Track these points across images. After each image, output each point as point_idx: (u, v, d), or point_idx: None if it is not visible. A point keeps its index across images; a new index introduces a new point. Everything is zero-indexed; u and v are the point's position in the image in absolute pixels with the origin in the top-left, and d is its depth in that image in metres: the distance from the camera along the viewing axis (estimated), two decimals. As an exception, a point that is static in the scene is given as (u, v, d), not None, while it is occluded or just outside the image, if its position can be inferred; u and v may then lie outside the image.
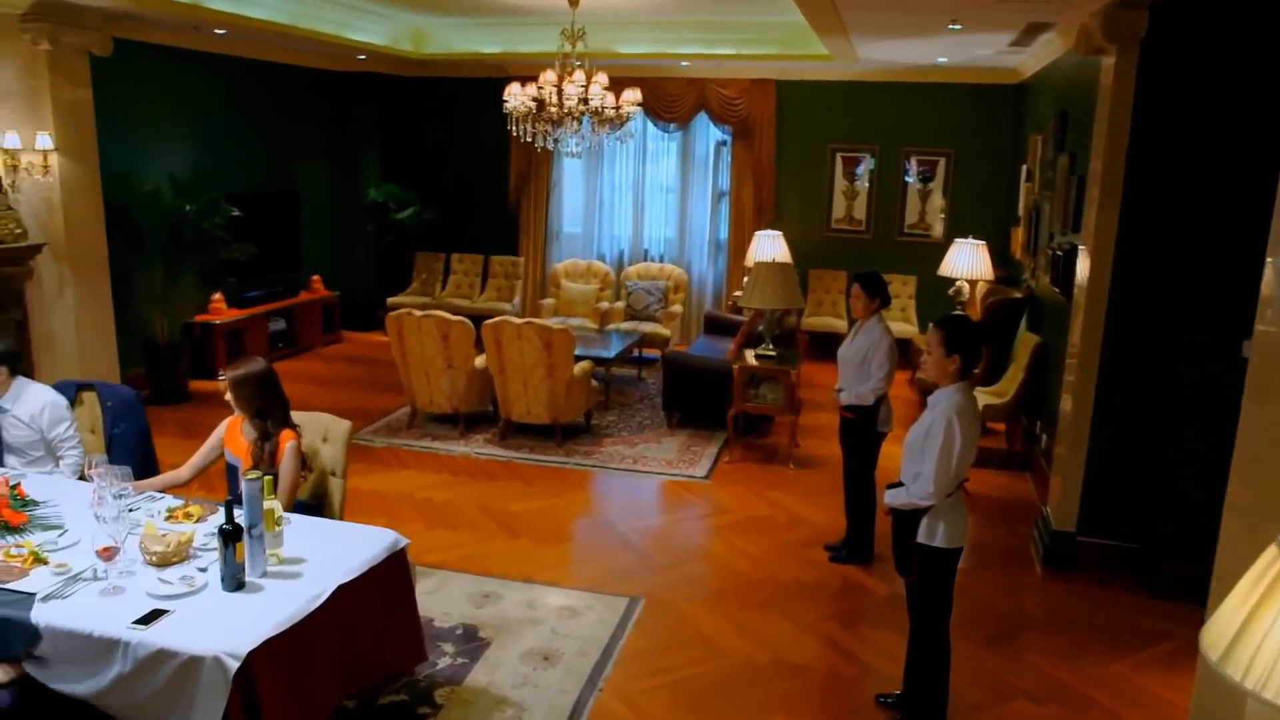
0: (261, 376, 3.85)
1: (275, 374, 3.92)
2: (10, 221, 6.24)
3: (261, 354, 9.09)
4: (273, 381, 3.87)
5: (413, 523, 5.56)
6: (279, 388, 3.90)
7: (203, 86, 8.66)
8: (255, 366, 3.88)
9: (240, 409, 3.87)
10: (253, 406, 3.84)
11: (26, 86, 6.40)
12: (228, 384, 3.85)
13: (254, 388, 3.82)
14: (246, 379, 3.83)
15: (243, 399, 3.84)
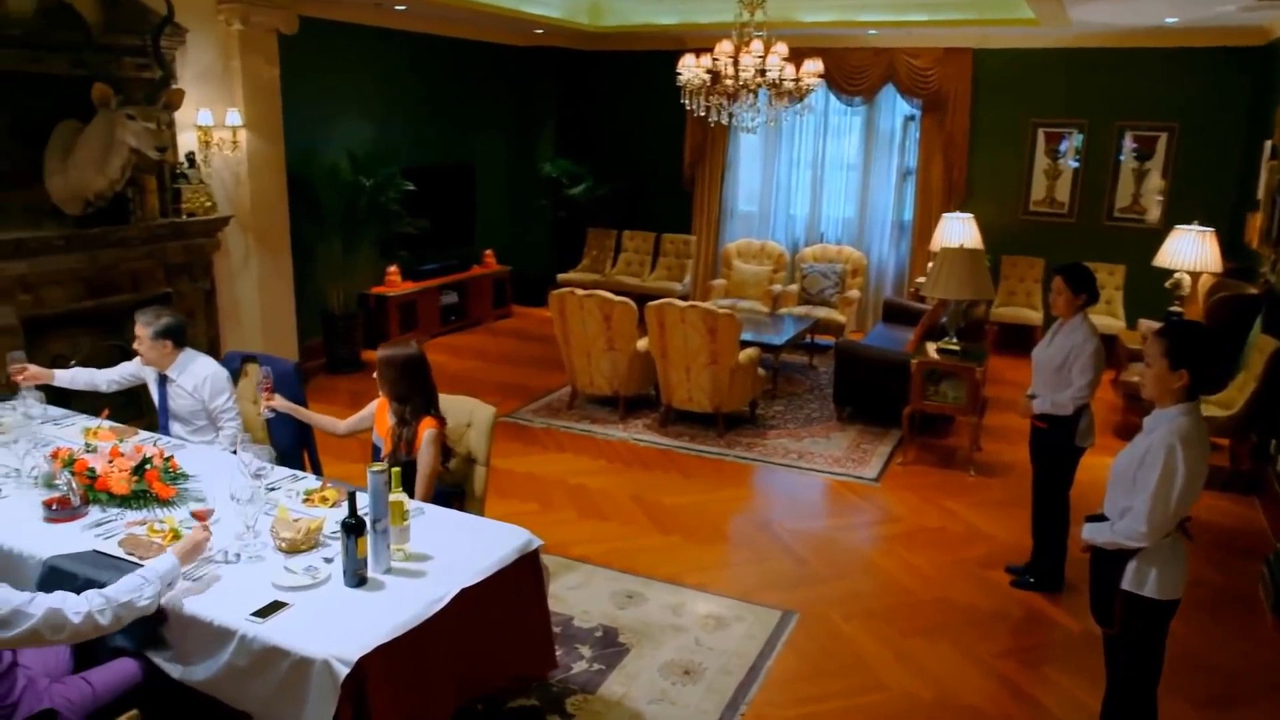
0: (406, 361, 3.72)
1: (423, 360, 3.77)
2: (202, 195, 6.50)
3: (433, 327, 9.35)
4: (418, 368, 3.73)
5: (563, 510, 5.41)
6: (425, 375, 3.76)
7: (383, 63, 8.81)
8: (403, 350, 3.76)
9: (382, 390, 3.78)
10: (394, 390, 3.73)
11: (221, 66, 6.65)
12: (376, 363, 3.75)
13: (396, 371, 3.71)
14: (390, 361, 3.72)
15: (385, 381, 3.74)
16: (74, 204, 5.69)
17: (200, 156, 6.53)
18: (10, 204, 5.47)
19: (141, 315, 4.21)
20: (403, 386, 3.72)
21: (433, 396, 3.78)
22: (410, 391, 3.72)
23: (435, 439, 3.65)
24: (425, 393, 3.74)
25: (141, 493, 3.34)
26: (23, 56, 5.36)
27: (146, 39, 5.74)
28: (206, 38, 6.48)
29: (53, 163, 5.59)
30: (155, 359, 4.21)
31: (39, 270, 5.60)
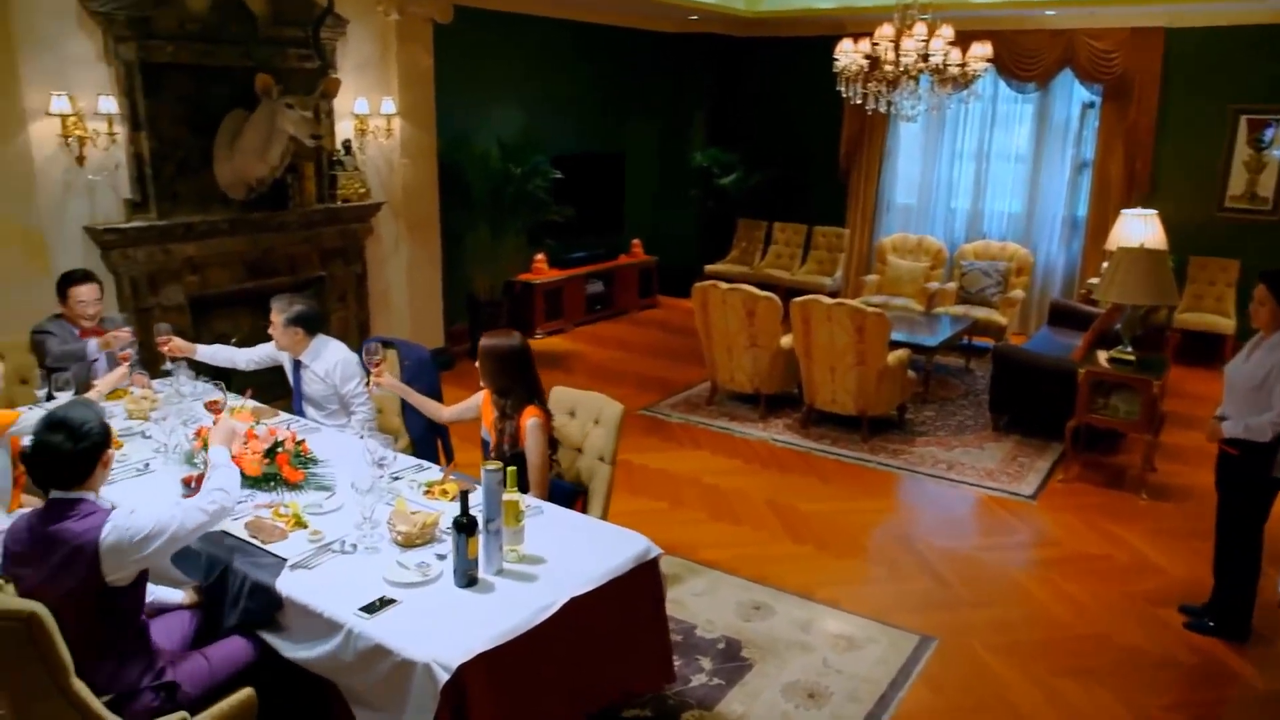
0: (507, 353, 3.63)
1: (525, 352, 3.68)
2: (357, 182, 6.69)
3: (577, 315, 9.36)
4: (519, 360, 3.64)
5: (694, 509, 5.26)
6: (527, 368, 3.67)
7: (535, 51, 8.83)
8: (504, 341, 3.67)
9: (484, 382, 3.71)
10: (495, 382, 3.66)
11: (378, 56, 6.81)
12: (478, 354, 3.69)
13: (497, 362, 3.63)
14: (491, 352, 3.64)
15: (486, 372, 3.67)
16: (238, 189, 5.94)
17: (356, 144, 6.71)
18: (184, 190, 5.76)
19: (276, 302, 4.30)
20: (504, 379, 3.64)
21: (535, 388, 3.68)
22: (512, 384, 3.63)
23: (539, 428, 3.55)
24: (527, 385, 3.65)
25: (271, 475, 3.40)
26: (198, 50, 5.62)
27: (308, 30, 5.93)
28: (366, 28, 6.64)
29: (221, 150, 5.85)
30: (288, 345, 4.30)
31: (206, 252, 5.88)
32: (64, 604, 2.43)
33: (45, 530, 2.47)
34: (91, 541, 2.44)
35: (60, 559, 2.44)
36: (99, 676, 2.50)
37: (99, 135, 5.26)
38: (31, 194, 5.10)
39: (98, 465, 2.54)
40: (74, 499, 2.52)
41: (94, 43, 5.26)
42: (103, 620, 2.53)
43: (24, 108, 5.00)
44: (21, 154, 5.03)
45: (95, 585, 2.46)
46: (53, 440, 2.47)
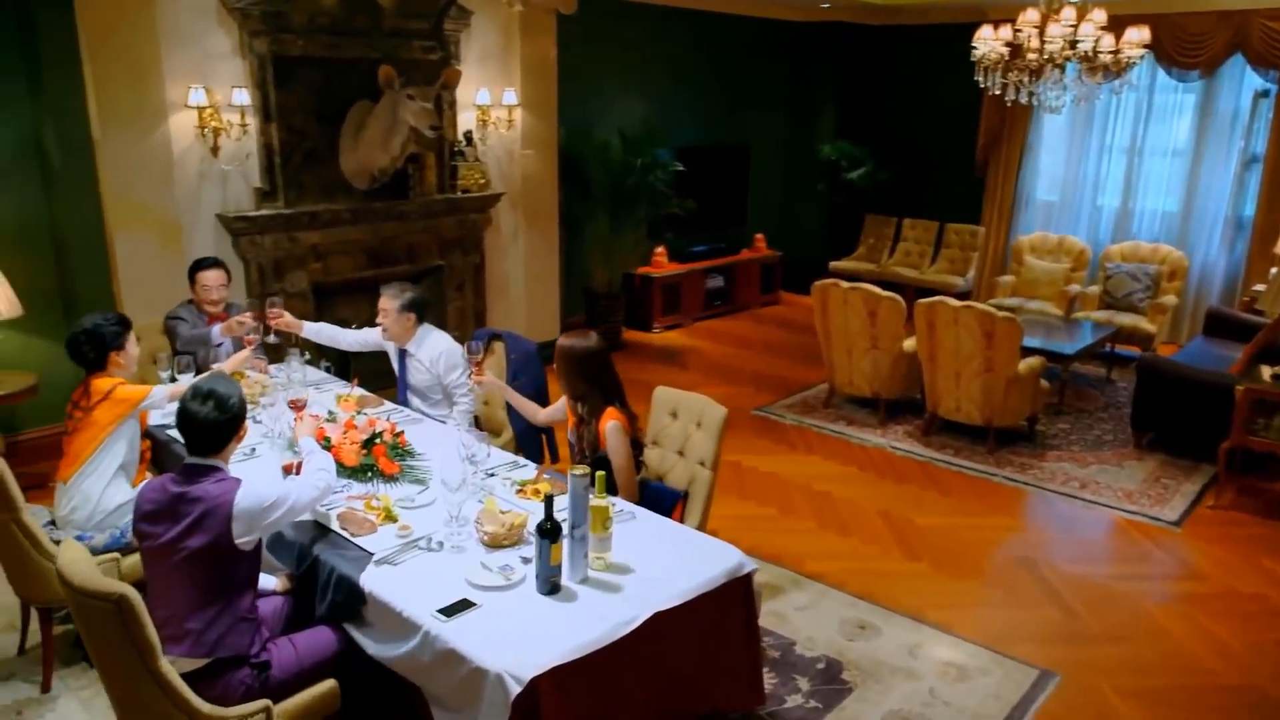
0: (583, 355, 3.52)
1: (603, 355, 3.57)
2: (477, 173, 6.73)
3: (696, 310, 9.22)
4: (596, 362, 3.53)
5: (803, 517, 5.05)
6: (604, 371, 3.55)
7: (660, 41, 8.70)
8: (581, 342, 3.56)
9: (560, 383, 3.60)
10: (571, 386, 3.56)
11: (501, 47, 6.83)
12: (555, 354, 3.59)
13: (573, 364, 3.53)
14: (568, 353, 3.53)
15: (562, 374, 3.57)
16: (362, 179, 6.06)
17: (477, 135, 6.75)
18: (310, 179, 5.92)
19: (388, 289, 4.32)
20: (580, 383, 3.53)
21: (614, 391, 3.55)
22: (588, 388, 3.52)
23: (619, 430, 3.43)
24: (605, 389, 3.53)
25: (368, 466, 3.40)
26: (326, 43, 5.76)
27: (432, 22, 5.99)
28: (489, 20, 6.67)
29: (346, 140, 5.97)
30: (398, 333, 4.31)
31: (329, 240, 6.02)
32: (190, 562, 2.56)
33: (182, 490, 2.59)
34: (226, 504, 2.56)
35: (194, 518, 2.56)
36: (209, 636, 2.58)
37: (232, 126, 5.44)
38: (170, 182, 5.32)
39: (234, 437, 2.72)
40: (209, 465, 2.66)
41: (231, 38, 5.44)
42: (223, 583, 2.62)
43: (165, 101, 5.21)
44: (161, 145, 5.25)
45: (223, 546, 2.57)
46: (201, 410, 2.63)
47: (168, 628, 2.57)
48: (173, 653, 2.54)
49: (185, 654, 2.55)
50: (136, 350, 3.69)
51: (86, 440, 3.49)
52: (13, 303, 4.93)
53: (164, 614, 2.58)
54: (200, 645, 2.56)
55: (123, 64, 5.02)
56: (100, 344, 3.53)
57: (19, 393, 4.94)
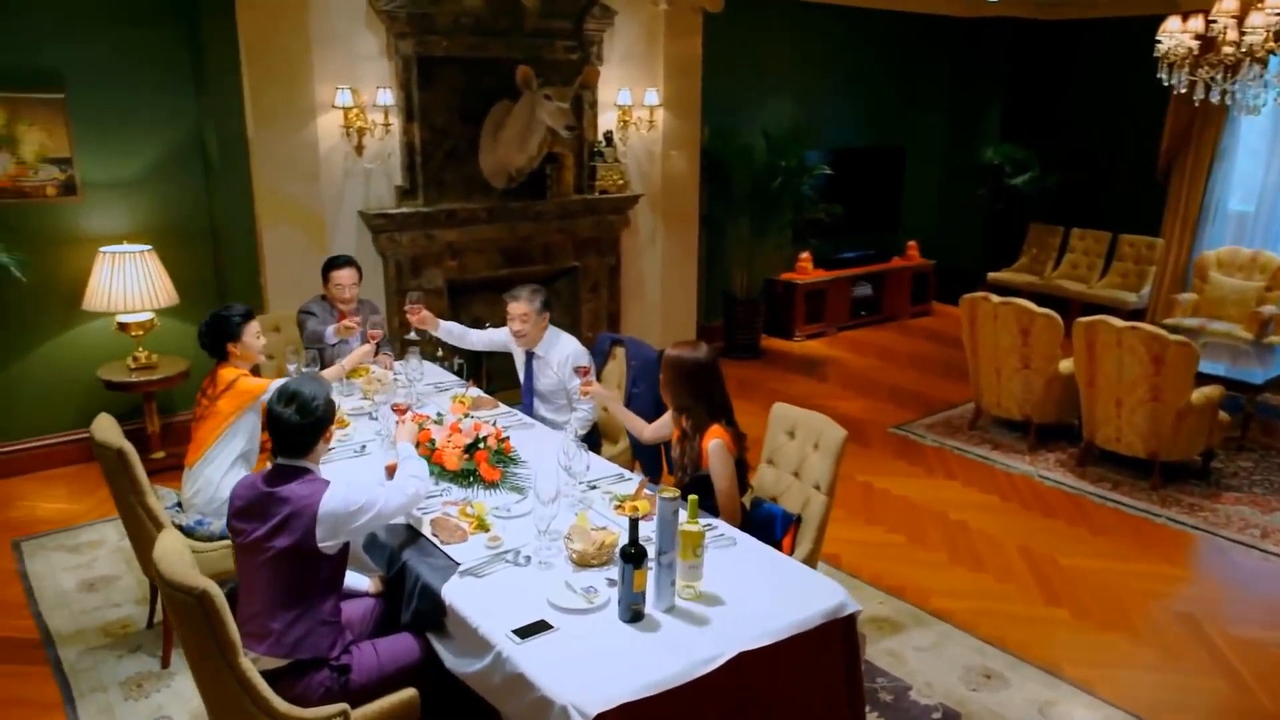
0: (692, 367, 3.34)
1: (711, 368, 3.37)
2: (616, 173, 6.67)
3: (841, 319, 8.87)
4: (704, 375, 3.34)
5: (934, 548, 4.71)
6: (711, 385, 3.36)
7: (810, 39, 8.38)
8: (689, 353, 3.38)
9: (664, 395, 3.44)
10: (676, 399, 3.39)
11: (644, 46, 6.74)
12: (661, 364, 3.43)
13: (679, 375, 3.35)
14: (675, 364, 3.36)
15: (666, 385, 3.40)
16: (499, 178, 6.10)
17: (618, 135, 6.69)
18: (450, 178, 6.01)
19: (520, 291, 4.23)
20: (685, 395, 3.35)
21: (721, 407, 3.36)
22: (693, 402, 3.34)
23: (723, 449, 3.24)
24: (710, 404, 3.34)
25: (468, 472, 3.36)
26: (469, 44, 5.82)
27: (573, 22, 5.96)
28: (634, 19, 6.59)
29: (486, 140, 6.03)
30: (533, 337, 4.24)
31: (465, 239, 6.10)
32: (275, 562, 2.57)
33: (271, 490, 2.62)
34: (311, 506, 2.57)
35: (281, 518, 2.57)
36: (290, 636, 2.58)
37: (376, 126, 5.58)
38: (316, 180, 5.50)
39: (319, 440, 2.71)
40: (298, 467, 2.68)
41: (378, 40, 5.58)
42: (305, 585, 2.61)
43: (314, 101, 5.39)
44: (309, 143, 5.44)
45: (307, 548, 2.57)
46: (284, 413, 2.64)
47: (252, 624, 2.59)
48: (254, 650, 2.55)
49: (266, 653, 2.56)
50: (258, 342, 3.77)
51: (210, 429, 3.61)
52: (170, 292, 5.21)
53: (250, 611, 2.60)
54: (280, 645, 2.57)
55: (277, 67, 5.22)
56: (217, 334, 3.64)
57: (173, 377, 5.22)
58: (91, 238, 5.19)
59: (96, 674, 3.55)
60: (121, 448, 3.32)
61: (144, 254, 5.09)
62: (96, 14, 5.06)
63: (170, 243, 5.41)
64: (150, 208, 5.39)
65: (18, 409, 5.20)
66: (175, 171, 5.43)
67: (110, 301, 4.99)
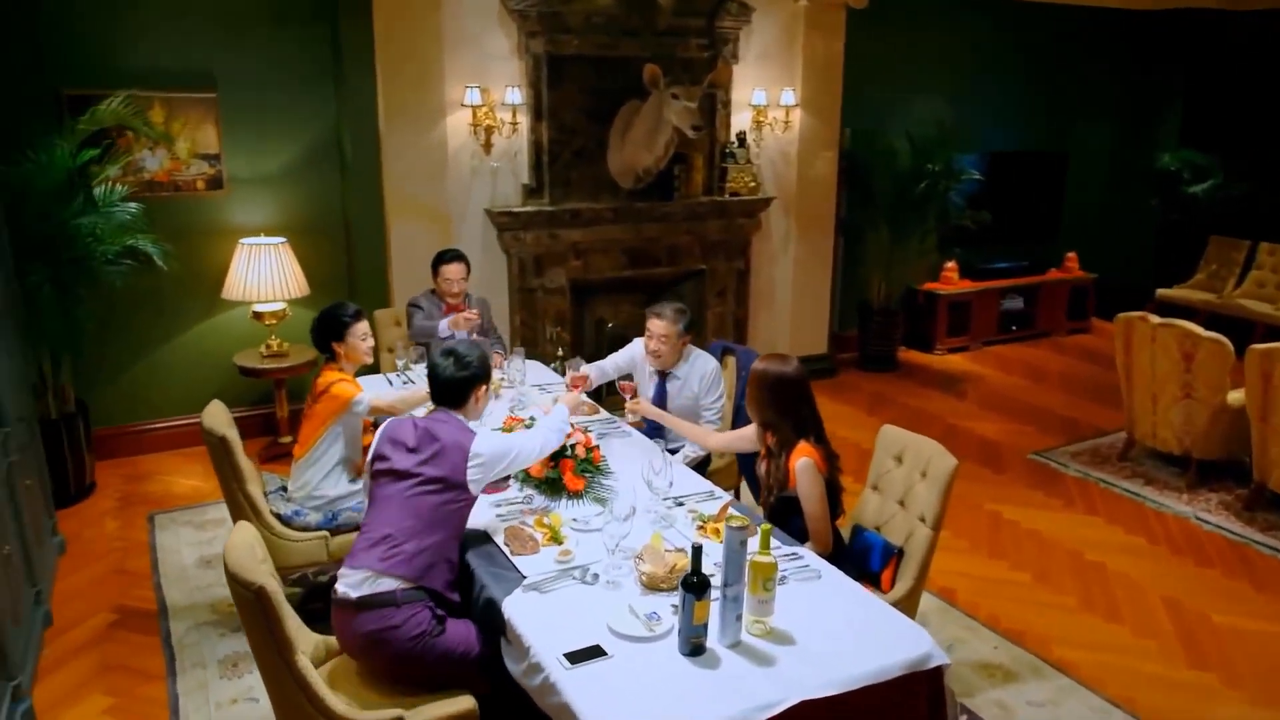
0: (778, 381, 3.13)
1: (800, 384, 3.15)
2: (748, 175, 6.48)
3: (987, 333, 8.35)
4: (792, 392, 3.13)
5: (1063, 590, 4.30)
6: (800, 403, 3.14)
7: (963, 36, 7.91)
8: (777, 367, 3.18)
9: (749, 410, 3.25)
10: (760, 412, 3.19)
11: (783, 44, 6.52)
12: (749, 377, 3.23)
13: (765, 390, 3.16)
14: (761, 377, 3.17)
15: (751, 399, 3.21)
16: (627, 178, 6.03)
17: (752, 136, 6.50)
18: (577, 177, 5.99)
19: (665, 309, 3.99)
20: (769, 410, 3.15)
21: (809, 425, 3.13)
22: (778, 418, 3.13)
23: (811, 468, 3.02)
24: (798, 420, 3.12)
25: (553, 480, 3.28)
26: (600, 42, 5.77)
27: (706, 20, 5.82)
28: (772, 16, 6.38)
29: (614, 140, 5.97)
30: (668, 358, 4.03)
31: (590, 238, 6.06)
32: (422, 488, 2.74)
33: (430, 427, 2.84)
34: (465, 444, 2.79)
35: (436, 450, 2.77)
36: (420, 561, 2.67)
37: (504, 124, 5.60)
38: (443, 177, 5.58)
39: (471, 394, 2.97)
40: (454, 417, 2.93)
41: (509, 39, 5.61)
42: (443, 520, 2.74)
43: (444, 100, 5.47)
44: (438, 142, 5.52)
45: (454, 482, 2.75)
46: (442, 364, 2.94)
47: (385, 545, 2.68)
48: (384, 568, 2.63)
49: (394, 569, 2.64)
50: (364, 344, 3.75)
51: (310, 430, 3.65)
52: (302, 283, 5.41)
53: (380, 533, 2.71)
54: (411, 566, 2.66)
55: (409, 66, 5.33)
56: (324, 332, 3.69)
57: (301, 365, 5.42)
58: (234, 230, 5.44)
59: (199, 650, 3.69)
60: (224, 435, 3.42)
61: (278, 246, 5.30)
62: (247, 17, 5.30)
63: (305, 236, 5.62)
64: (289, 202, 5.61)
65: (165, 389, 5.51)
66: (313, 168, 5.63)
67: (245, 291, 5.22)
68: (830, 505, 3.14)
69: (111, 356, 5.37)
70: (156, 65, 5.16)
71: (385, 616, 2.59)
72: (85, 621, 3.92)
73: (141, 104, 5.02)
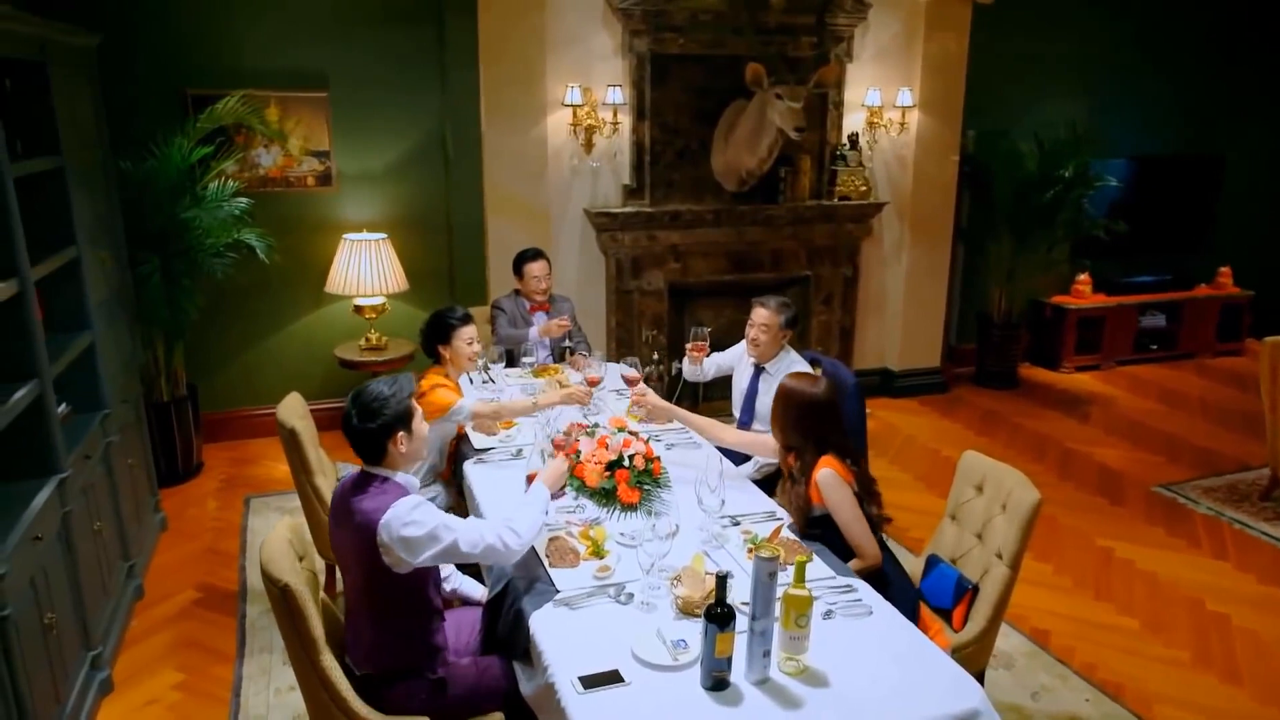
0: (805, 404, 2.95)
1: (829, 410, 2.96)
2: (859, 179, 6.22)
3: (1121, 352, 7.77)
4: (817, 415, 2.94)
5: (1177, 644, 3.90)
6: (824, 427, 2.95)
7: (1100, 29, 7.32)
8: (807, 387, 2.99)
9: (773, 430, 3.07)
10: (783, 433, 3.01)
11: (901, 42, 6.23)
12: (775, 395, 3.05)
13: (791, 410, 2.98)
14: (788, 397, 2.99)
15: (776, 418, 3.04)
16: (730, 180, 5.90)
17: (865, 138, 6.24)
18: (679, 178, 5.90)
19: (770, 300, 3.93)
20: (793, 433, 2.96)
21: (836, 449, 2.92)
22: (801, 441, 2.94)
23: (835, 479, 2.83)
24: (821, 447, 2.92)
25: (606, 491, 3.19)
26: (707, 41, 5.66)
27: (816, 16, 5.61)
28: (890, 12, 6.11)
29: (718, 141, 5.85)
30: (766, 351, 3.93)
31: (689, 241, 5.95)
32: (355, 571, 2.51)
33: (347, 498, 2.50)
34: (371, 524, 2.41)
35: (352, 527, 2.46)
36: (377, 646, 2.52)
37: (605, 124, 5.56)
38: (543, 176, 5.58)
39: (388, 445, 2.50)
40: (375, 475, 2.52)
41: (612, 38, 5.56)
42: (387, 600, 2.52)
43: (545, 100, 5.47)
44: (539, 141, 5.52)
45: (375, 562, 2.44)
46: (349, 412, 2.50)
47: (351, 631, 2.59)
48: (356, 660, 2.55)
49: (367, 666, 2.53)
50: (468, 348, 3.71)
51: (403, 433, 3.64)
52: (401, 279, 5.52)
53: (349, 615, 2.60)
54: (380, 659, 2.53)
55: (512, 65, 5.35)
56: (430, 333, 3.68)
57: (398, 359, 5.52)
58: (341, 225, 5.60)
59: (269, 634, 3.79)
60: (294, 427, 3.49)
61: (379, 242, 5.42)
62: (360, 18, 5.44)
63: (408, 232, 5.73)
64: (393, 199, 5.74)
65: (271, 377, 5.73)
66: (418, 165, 5.73)
67: (346, 285, 5.36)
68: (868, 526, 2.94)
69: (222, 344, 5.62)
70: (273, 66, 5.36)
71: (387, 689, 2.51)
72: (173, 597, 4.10)
73: (258, 103, 5.23)
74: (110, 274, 4.15)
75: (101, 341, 3.86)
